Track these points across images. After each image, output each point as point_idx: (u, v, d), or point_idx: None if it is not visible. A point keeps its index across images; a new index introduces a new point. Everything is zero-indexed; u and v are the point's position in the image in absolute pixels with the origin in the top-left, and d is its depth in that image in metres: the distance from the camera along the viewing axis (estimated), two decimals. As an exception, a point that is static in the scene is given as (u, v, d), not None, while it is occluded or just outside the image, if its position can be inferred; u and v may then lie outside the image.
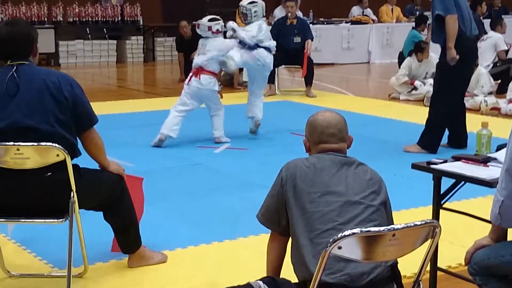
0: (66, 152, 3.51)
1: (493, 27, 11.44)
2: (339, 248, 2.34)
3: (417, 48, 10.68)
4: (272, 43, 7.61)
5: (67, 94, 3.61)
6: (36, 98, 3.57)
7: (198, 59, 7.43)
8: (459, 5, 6.59)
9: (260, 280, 2.06)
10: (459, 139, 6.97)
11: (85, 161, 3.78)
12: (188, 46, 11.92)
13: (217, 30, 7.50)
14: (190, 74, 7.47)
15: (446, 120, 6.87)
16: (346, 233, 2.33)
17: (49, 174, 3.55)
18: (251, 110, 7.74)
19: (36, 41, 3.80)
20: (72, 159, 3.59)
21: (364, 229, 2.36)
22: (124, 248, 4.00)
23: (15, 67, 3.65)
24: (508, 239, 3.00)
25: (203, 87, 7.33)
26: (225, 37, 7.71)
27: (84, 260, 3.86)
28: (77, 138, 3.70)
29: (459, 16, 6.53)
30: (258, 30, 7.44)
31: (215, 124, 7.51)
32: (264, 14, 7.76)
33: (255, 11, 7.56)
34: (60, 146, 3.49)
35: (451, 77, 6.65)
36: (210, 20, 7.53)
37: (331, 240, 2.33)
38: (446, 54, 6.59)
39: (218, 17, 7.70)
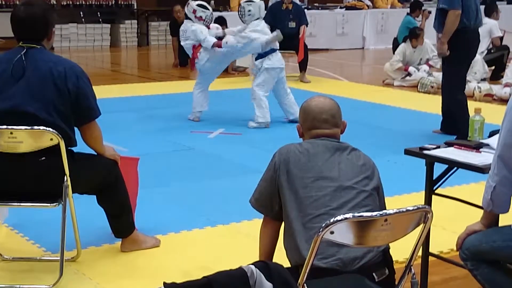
0: (60, 136, 3.50)
1: (488, 14, 11.42)
2: (332, 233, 2.35)
3: (412, 34, 10.67)
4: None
5: (71, 85, 3.57)
6: (39, 85, 3.55)
7: (186, 43, 7.66)
8: None
9: (252, 264, 2.07)
10: (453, 125, 6.97)
11: (80, 146, 3.78)
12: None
13: (200, 16, 7.59)
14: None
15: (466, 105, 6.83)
16: (339, 218, 2.33)
17: (43, 158, 3.55)
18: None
19: (53, 25, 3.76)
20: (67, 148, 3.58)
21: (356, 214, 2.37)
22: (117, 232, 4.00)
23: (25, 50, 3.63)
24: (500, 224, 3.01)
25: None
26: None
27: (77, 244, 3.87)
28: (75, 129, 3.69)
29: (464, 8, 6.46)
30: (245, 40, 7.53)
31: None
32: (261, 15, 7.78)
33: (249, 10, 7.62)
34: (53, 130, 3.48)
35: (456, 65, 6.66)
36: (198, 6, 7.62)
37: (323, 225, 2.34)
38: (438, 46, 6.62)
39: (208, 6, 7.81)
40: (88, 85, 3.67)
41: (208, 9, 7.74)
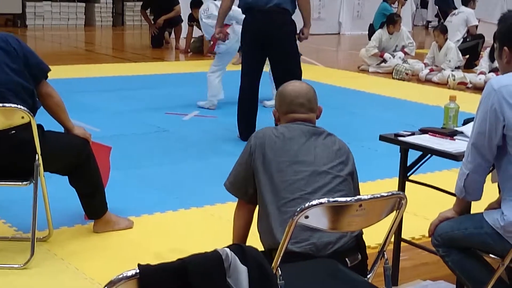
0: (31, 114, 3.48)
1: (465, 3, 11.50)
2: (306, 217, 2.35)
3: (390, 21, 10.71)
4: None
5: (16, 46, 3.63)
6: None
7: (210, 22, 7.36)
8: None
9: (227, 247, 2.07)
10: None
11: (50, 125, 3.74)
12: (156, 5, 12.07)
13: None
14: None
15: None
16: (313, 202, 2.33)
17: (13, 132, 3.52)
18: None
19: None
20: (34, 111, 3.56)
21: (331, 199, 2.37)
22: (90, 213, 3.98)
23: None
24: (472, 212, 3.04)
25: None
26: None
27: (49, 223, 3.84)
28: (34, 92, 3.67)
29: None
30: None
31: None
32: None
33: None
34: (25, 108, 3.46)
35: None
36: None
37: (298, 209, 2.34)
38: None
39: None
40: (28, 46, 3.74)
41: None
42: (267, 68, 7.00)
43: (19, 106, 3.45)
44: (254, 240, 2.91)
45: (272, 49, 5.96)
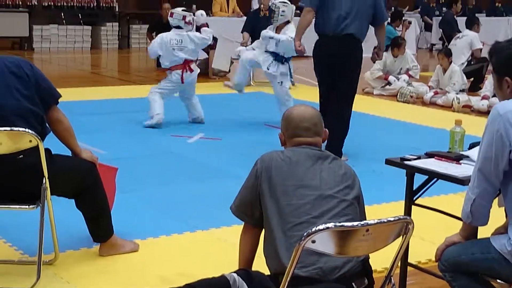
0: (39, 138, 3.49)
1: (469, 26, 11.53)
2: (313, 242, 2.35)
3: (394, 44, 10.74)
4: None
5: (28, 71, 3.64)
6: None
7: (181, 54, 7.60)
8: None
9: (234, 272, 2.07)
10: None
11: (58, 149, 3.75)
12: (163, 29, 12.03)
13: (189, 21, 7.68)
14: (180, 70, 7.60)
15: None
16: (320, 227, 2.34)
17: (20, 156, 3.53)
18: None
19: None
20: (43, 136, 3.57)
21: (338, 224, 2.38)
22: (96, 236, 3.98)
23: None
24: (479, 237, 3.04)
25: (194, 76, 7.69)
26: (197, 30, 7.89)
27: (55, 247, 3.84)
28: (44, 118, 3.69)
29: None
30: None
31: (197, 105, 7.79)
32: (292, 17, 7.78)
33: (283, 11, 7.59)
34: (33, 132, 3.47)
35: None
36: (184, 11, 7.80)
37: (305, 233, 2.34)
38: None
39: (188, 9, 7.98)
40: (41, 71, 3.75)
41: (190, 12, 7.91)
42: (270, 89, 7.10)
43: (26, 130, 3.46)
44: (260, 263, 2.91)
45: (342, 74, 6.34)
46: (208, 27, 8.35)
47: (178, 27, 7.65)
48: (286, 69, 7.75)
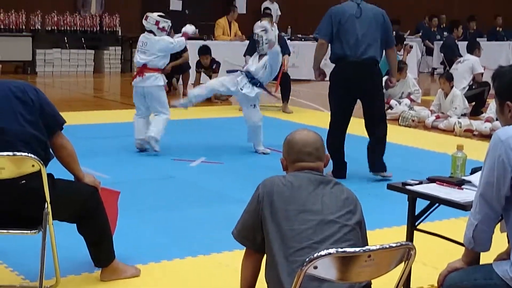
0: (41, 163, 3.50)
1: (470, 50, 11.59)
2: (315, 267, 2.35)
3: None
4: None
5: (33, 97, 3.65)
6: (2, 102, 3.60)
7: (140, 58, 7.45)
8: None
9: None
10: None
11: (61, 173, 3.76)
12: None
13: (163, 27, 7.51)
14: (135, 73, 7.52)
15: None
16: (322, 253, 2.34)
17: (23, 181, 3.53)
18: None
19: None
20: (46, 162, 3.57)
21: (340, 250, 2.37)
22: (97, 261, 3.97)
23: None
24: (481, 262, 3.03)
25: (147, 85, 7.42)
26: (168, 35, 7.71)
27: (56, 272, 3.83)
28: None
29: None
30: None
31: (154, 123, 7.46)
32: (276, 39, 7.77)
33: (266, 39, 7.58)
34: (35, 157, 3.48)
35: None
36: (159, 16, 7.55)
37: (307, 259, 2.34)
38: None
39: (167, 16, 7.68)
40: (46, 97, 3.76)
41: (168, 19, 7.62)
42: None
43: (29, 155, 3.47)
44: (262, 289, 2.90)
45: (365, 97, 6.62)
46: (189, 37, 7.89)
47: (151, 32, 7.52)
48: (259, 93, 7.68)
